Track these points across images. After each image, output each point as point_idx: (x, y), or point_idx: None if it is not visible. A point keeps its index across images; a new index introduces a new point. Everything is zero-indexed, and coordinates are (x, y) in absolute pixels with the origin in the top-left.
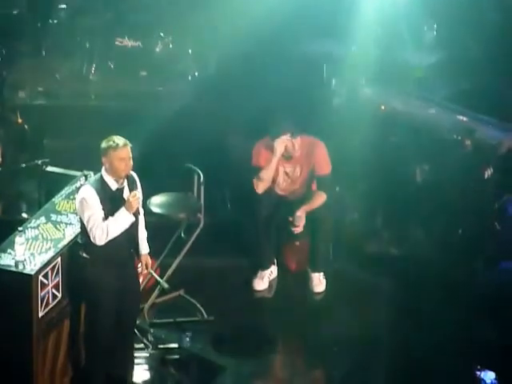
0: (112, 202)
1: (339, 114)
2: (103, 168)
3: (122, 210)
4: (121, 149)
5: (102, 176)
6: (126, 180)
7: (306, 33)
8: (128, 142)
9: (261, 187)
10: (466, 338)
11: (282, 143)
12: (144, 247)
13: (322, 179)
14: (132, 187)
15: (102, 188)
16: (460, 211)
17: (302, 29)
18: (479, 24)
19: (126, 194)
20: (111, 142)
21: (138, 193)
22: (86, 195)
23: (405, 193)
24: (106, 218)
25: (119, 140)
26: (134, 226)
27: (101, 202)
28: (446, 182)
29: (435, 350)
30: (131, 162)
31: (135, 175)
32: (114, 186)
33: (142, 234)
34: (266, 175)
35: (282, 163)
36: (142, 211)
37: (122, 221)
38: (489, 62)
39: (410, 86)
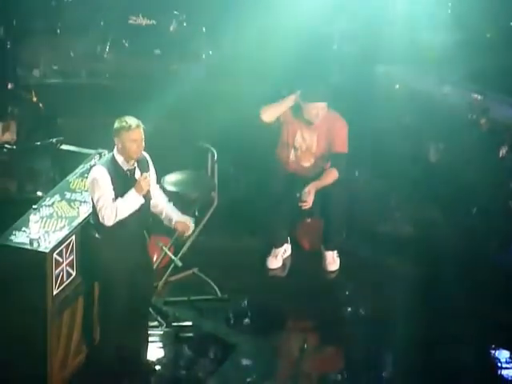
0: (123, 183)
1: (354, 94)
2: (115, 148)
3: (132, 191)
4: (133, 130)
5: (113, 156)
6: (137, 161)
7: (322, 12)
8: (141, 123)
9: (267, 114)
10: (482, 318)
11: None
12: (175, 216)
13: (337, 156)
14: (144, 168)
15: (113, 168)
16: (475, 191)
17: (316, 8)
18: (494, 3)
19: (137, 174)
20: (124, 123)
21: (150, 175)
22: (97, 175)
23: (419, 172)
24: (116, 198)
25: (132, 121)
26: (144, 207)
27: (112, 182)
28: (460, 161)
29: (449, 330)
30: (143, 144)
31: (148, 156)
32: (125, 166)
33: (168, 207)
34: (276, 108)
35: (302, 127)
36: (157, 188)
37: (131, 202)
38: (504, 41)
39: (425, 66)
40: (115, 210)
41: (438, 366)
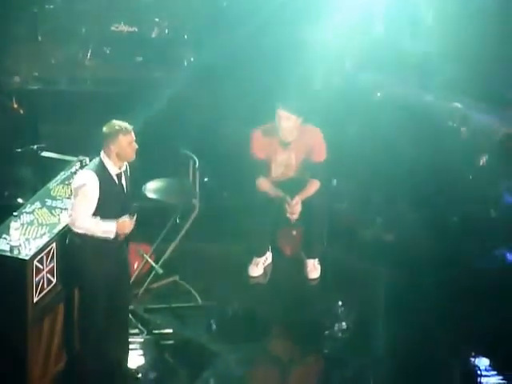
0: (110, 188)
1: (334, 101)
2: (103, 153)
3: (113, 224)
4: (129, 133)
5: (101, 161)
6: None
7: (300, 19)
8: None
9: (260, 187)
10: (464, 324)
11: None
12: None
13: (316, 166)
14: (126, 174)
15: (102, 173)
16: (456, 198)
17: (295, 15)
18: (475, 11)
19: (123, 180)
20: (118, 127)
21: (134, 220)
22: (86, 180)
23: (400, 179)
24: (101, 203)
25: (125, 124)
26: (128, 213)
27: (100, 187)
28: (441, 168)
29: (431, 336)
30: (136, 146)
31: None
32: (114, 171)
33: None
34: (268, 190)
35: (278, 151)
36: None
37: (106, 230)
38: (486, 49)
39: (406, 73)
40: (88, 226)
41: (419, 369)
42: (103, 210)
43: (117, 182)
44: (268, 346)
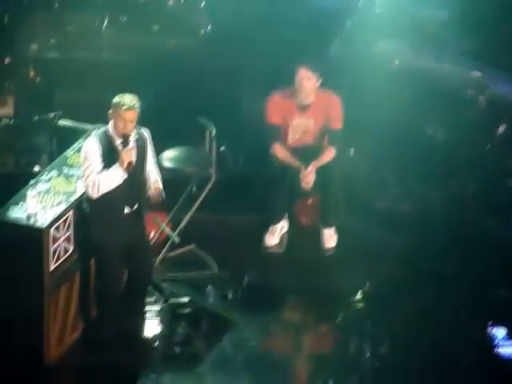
0: (113, 155)
1: (352, 69)
2: (110, 122)
3: (116, 164)
4: (125, 110)
5: (107, 129)
6: (136, 137)
7: None
8: (137, 104)
9: (277, 154)
10: (479, 294)
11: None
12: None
13: (333, 133)
14: (141, 145)
15: (105, 140)
16: (473, 167)
17: None
18: None
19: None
20: (119, 100)
21: (132, 149)
22: (88, 147)
23: (416, 149)
24: (104, 169)
25: (128, 100)
26: (134, 182)
27: (102, 154)
28: (458, 137)
29: (446, 306)
30: (133, 125)
31: (147, 133)
32: (118, 140)
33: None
34: (284, 158)
35: (295, 115)
36: (150, 164)
37: (112, 176)
38: (505, 17)
39: (424, 41)
40: (97, 183)
41: (435, 340)
42: None
43: (120, 149)
44: (283, 316)
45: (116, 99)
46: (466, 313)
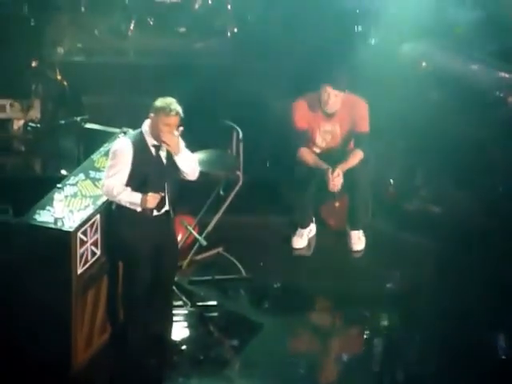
0: (146, 158)
1: (379, 71)
2: (146, 124)
3: (138, 196)
4: (171, 116)
5: (141, 131)
6: None
7: None
8: (180, 111)
9: (302, 158)
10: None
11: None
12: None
13: (360, 137)
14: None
15: (139, 142)
16: (501, 169)
17: None
18: None
19: (162, 154)
20: (165, 105)
21: (160, 197)
22: (120, 146)
23: (445, 150)
24: (134, 173)
25: (174, 106)
26: (163, 186)
27: (134, 156)
28: (487, 139)
29: (478, 310)
30: (174, 131)
31: (181, 142)
32: (151, 142)
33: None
34: (310, 161)
35: (322, 122)
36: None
37: (131, 201)
38: None
39: (452, 42)
40: (117, 193)
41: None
42: (136, 181)
43: (154, 153)
44: (311, 319)
45: (160, 103)
46: (497, 314)
